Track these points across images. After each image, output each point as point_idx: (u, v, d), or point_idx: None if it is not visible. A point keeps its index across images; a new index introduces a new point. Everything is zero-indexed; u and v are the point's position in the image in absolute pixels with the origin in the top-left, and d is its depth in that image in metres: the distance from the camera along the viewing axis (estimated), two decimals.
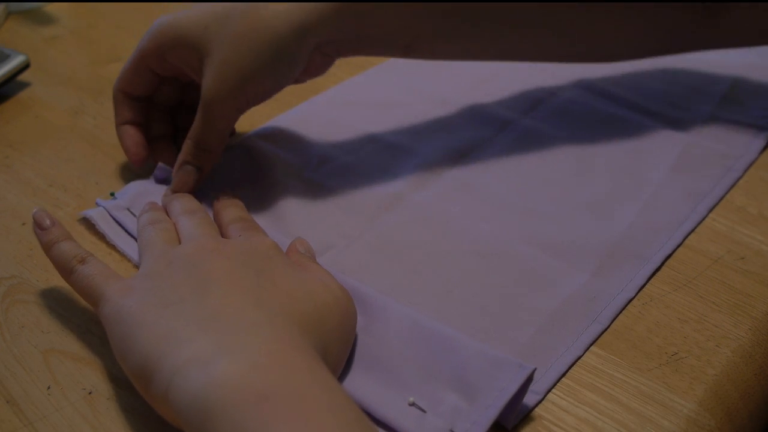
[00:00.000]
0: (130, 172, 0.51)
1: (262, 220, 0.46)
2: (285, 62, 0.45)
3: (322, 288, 0.35)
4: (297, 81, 0.49)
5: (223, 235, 0.41)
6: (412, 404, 0.33)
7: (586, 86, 0.61)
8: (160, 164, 0.49)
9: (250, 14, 0.44)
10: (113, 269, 0.37)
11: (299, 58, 0.45)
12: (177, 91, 0.51)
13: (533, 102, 0.59)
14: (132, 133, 0.49)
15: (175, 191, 0.46)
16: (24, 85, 0.61)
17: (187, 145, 0.46)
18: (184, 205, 0.43)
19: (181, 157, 0.46)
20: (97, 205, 0.46)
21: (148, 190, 0.47)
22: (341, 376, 0.35)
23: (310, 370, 0.29)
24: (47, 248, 0.38)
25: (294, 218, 0.46)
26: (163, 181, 0.48)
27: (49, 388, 0.35)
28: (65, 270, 0.37)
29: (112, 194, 0.47)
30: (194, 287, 0.33)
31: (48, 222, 0.39)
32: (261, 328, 0.30)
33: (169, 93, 0.51)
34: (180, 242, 0.39)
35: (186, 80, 0.50)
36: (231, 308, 0.31)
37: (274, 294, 0.33)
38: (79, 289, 0.36)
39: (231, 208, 0.43)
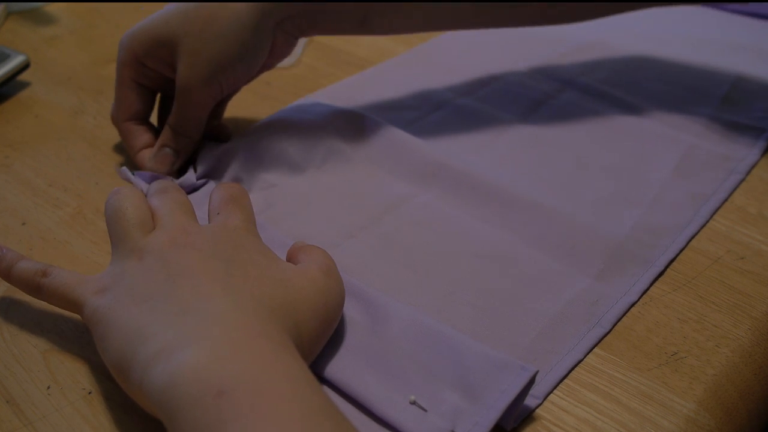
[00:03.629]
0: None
1: (263, 219, 0.46)
2: (250, 45, 0.47)
3: (296, 272, 0.35)
4: (266, 66, 0.51)
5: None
6: (413, 403, 0.33)
7: (585, 88, 0.61)
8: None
9: (208, 3, 0.46)
10: (78, 272, 0.36)
11: (263, 38, 0.47)
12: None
13: (532, 105, 0.59)
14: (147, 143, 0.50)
15: (153, 171, 0.48)
16: (24, 85, 0.61)
17: (165, 130, 0.48)
18: (159, 184, 0.41)
19: (159, 140, 0.48)
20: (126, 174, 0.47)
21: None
22: (342, 372, 0.35)
23: (274, 358, 0.29)
24: (6, 274, 0.37)
25: (296, 217, 0.46)
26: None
27: (48, 388, 0.35)
28: (31, 288, 0.36)
29: (133, 173, 0.47)
30: (164, 282, 0.32)
31: None
32: (226, 316, 0.30)
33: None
34: (152, 219, 0.37)
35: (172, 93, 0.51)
36: (198, 298, 0.31)
37: (244, 281, 0.33)
38: (53, 301, 0.36)
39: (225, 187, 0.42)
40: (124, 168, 0.47)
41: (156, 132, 0.51)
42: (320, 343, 0.35)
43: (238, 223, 0.37)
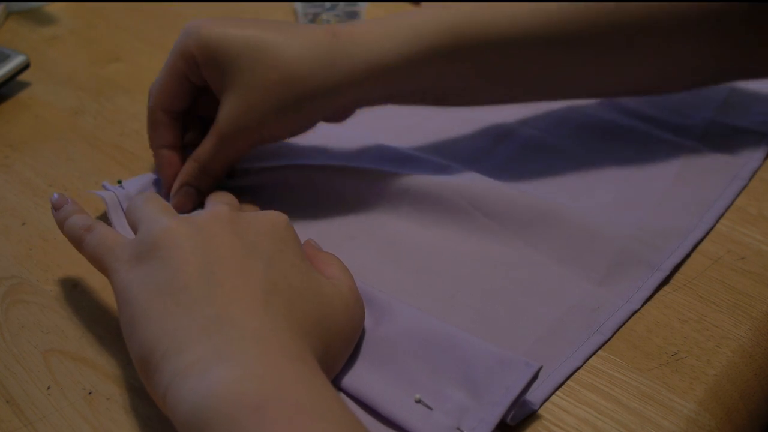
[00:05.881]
0: (131, 173, 0.51)
1: None
2: (309, 116, 0.45)
3: (331, 289, 0.35)
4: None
5: None
6: (419, 401, 0.33)
7: None
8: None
9: (279, 62, 0.42)
10: (116, 232, 0.36)
11: (325, 113, 0.45)
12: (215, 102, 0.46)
13: (534, 110, 0.59)
14: (173, 161, 0.46)
15: (176, 209, 0.45)
16: (24, 85, 0.61)
17: (191, 167, 0.45)
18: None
19: (182, 177, 0.45)
20: (105, 188, 0.45)
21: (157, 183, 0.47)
22: (348, 373, 0.35)
23: (307, 379, 0.29)
24: (61, 226, 0.39)
25: (296, 218, 0.46)
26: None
27: (49, 388, 0.35)
28: (76, 241, 0.38)
29: (120, 182, 0.46)
30: (201, 272, 0.32)
31: (62, 202, 0.40)
32: (262, 335, 0.30)
33: (207, 103, 0.47)
34: None
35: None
36: (236, 310, 0.31)
37: (282, 291, 0.32)
38: (88, 259, 0.37)
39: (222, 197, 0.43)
40: (105, 183, 0.46)
41: (181, 134, 0.47)
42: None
43: (280, 215, 0.37)
